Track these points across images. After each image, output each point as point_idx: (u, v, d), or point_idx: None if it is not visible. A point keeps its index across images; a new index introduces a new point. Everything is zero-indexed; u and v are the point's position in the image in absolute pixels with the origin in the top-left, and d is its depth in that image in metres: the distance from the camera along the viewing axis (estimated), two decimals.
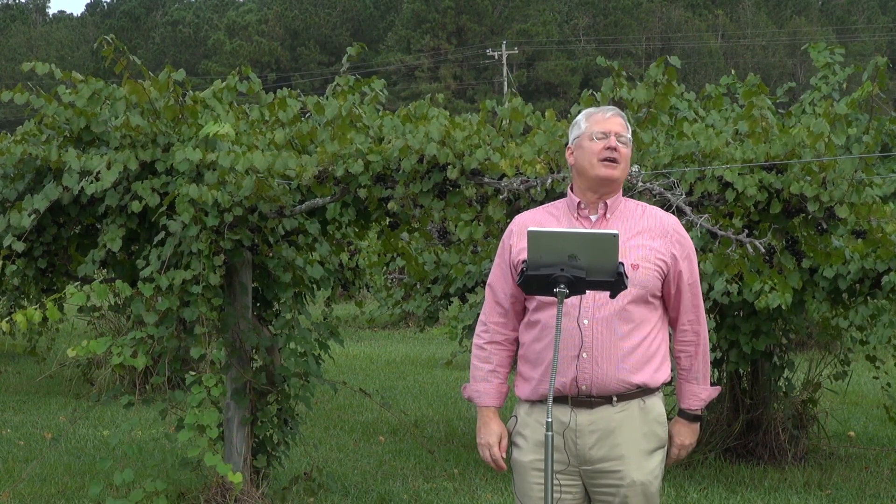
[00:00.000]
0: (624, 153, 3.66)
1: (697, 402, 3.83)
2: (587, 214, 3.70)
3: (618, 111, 3.74)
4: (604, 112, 3.72)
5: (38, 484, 7.07)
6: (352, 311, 18.55)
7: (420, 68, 64.80)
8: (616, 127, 3.67)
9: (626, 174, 3.72)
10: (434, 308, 8.70)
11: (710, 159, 5.78)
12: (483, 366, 3.81)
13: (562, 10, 72.08)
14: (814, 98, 8.12)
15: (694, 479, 7.07)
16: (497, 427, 3.78)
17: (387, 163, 5.50)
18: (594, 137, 3.66)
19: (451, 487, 6.94)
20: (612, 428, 3.62)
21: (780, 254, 6.23)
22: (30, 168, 6.04)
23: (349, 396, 10.18)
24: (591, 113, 3.74)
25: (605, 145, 3.63)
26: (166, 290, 5.64)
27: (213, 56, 67.63)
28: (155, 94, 5.98)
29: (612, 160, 3.64)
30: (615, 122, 3.68)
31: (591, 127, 3.68)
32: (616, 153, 3.63)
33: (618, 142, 3.64)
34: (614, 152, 3.63)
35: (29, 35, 76.83)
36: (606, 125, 3.67)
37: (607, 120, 3.68)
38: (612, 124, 3.67)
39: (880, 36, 67.67)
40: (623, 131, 3.68)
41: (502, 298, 3.77)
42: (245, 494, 6.13)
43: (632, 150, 3.75)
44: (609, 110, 3.73)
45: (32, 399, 10.52)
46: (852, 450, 7.97)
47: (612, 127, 3.67)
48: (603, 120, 3.69)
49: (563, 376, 3.59)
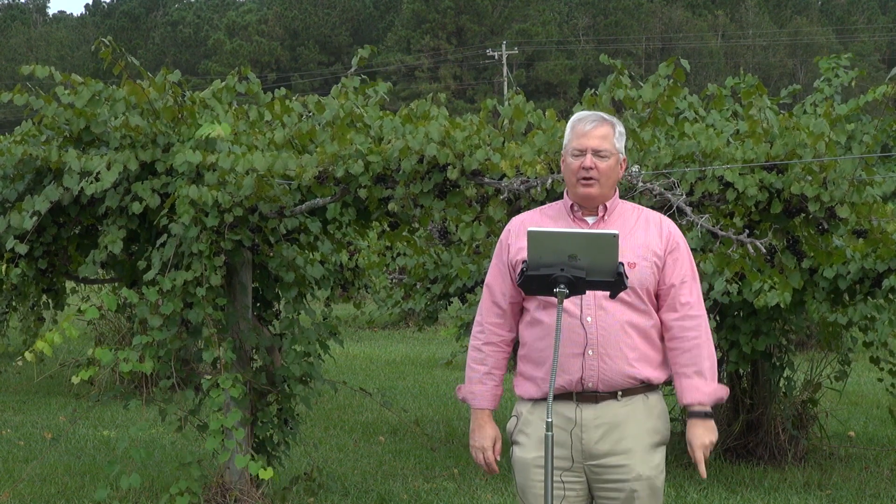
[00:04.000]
0: (603, 168, 3.63)
1: (700, 395, 3.66)
2: (582, 216, 3.71)
3: (603, 119, 3.70)
4: (585, 123, 3.68)
5: (38, 484, 7.07)
6: (352, 311, 18.55)
7: (420, 68, 64.80)
8: (594, 142, 3.63)
9: (610, 185, 3.68)
10: (434, 308, 8.70)
11: (711, 159, 5.78)
12: (479, 367, 3.81)
13: (562, 10, 72.08)
14: (815, 100, 8.15)
15: (694, 479, 7.07)
16: (491, 430, 3.79)
17: (387, 163, 5.50)
18: (571, 155, 3.66)
19: (451, 487, 6.94)
20: (617, 422, 3.63)
21: (780, 254, 6.23)
22: (30, 168, 6.04)
23: (349, 396, 10.18)
24: (574, 123, 3.72)
25: (580, 164, 3.63)
26: (169, 293, 5.65)
27: (213, 56, 67.63)
28: (154, 94, 5.98)
29: (588, 179, 3.63)
30: (594, 136, 3.64)
31: (570, 142, 3.68)
32: (592, 171, 3.62)
33: (596, 157, 3.62)
34: (590, 171, 3.62)
35: (29, 35, 76.83)
36: (584, 141, 3.64)
37: (587, 133, 3.65)
38: (591, 139, 3.64)
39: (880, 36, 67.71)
40: (602, 144, 3.64)
41: (500, 298, 3.77)
42: (245, 494, 6.13)
43: (622, 151, 3.70)
44: (592, 120, 3.68)
45: (32, 399, 10.52)
46: (852, 450, 7.97)
47: (590, 143, 3.63)
48: (582, 134, 3.66)
49: (568, 374, 3.60)
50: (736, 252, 5.91)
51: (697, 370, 3.67)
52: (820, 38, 64.02)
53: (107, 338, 11.05)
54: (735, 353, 7.20)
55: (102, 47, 5.94)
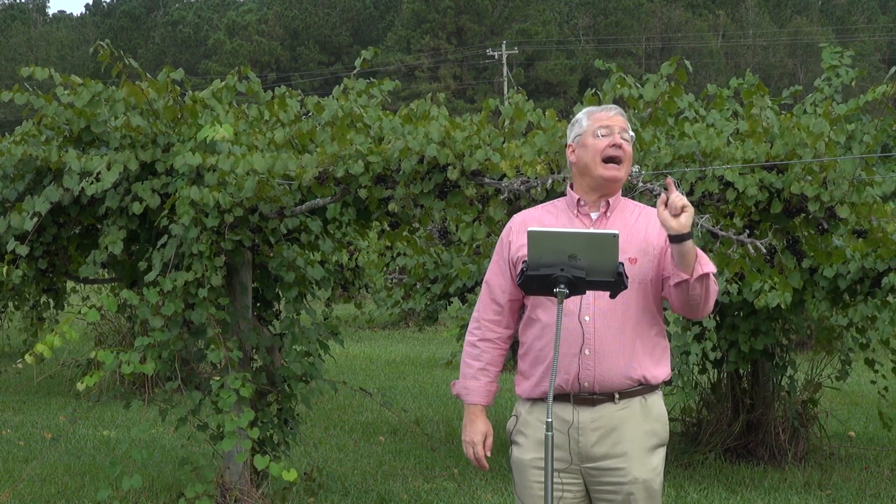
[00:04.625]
0: (628, 151, 3.64)
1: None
2: (587, 212, 3.69)
3: (620, 110, 3.72)
4: (607, 110, 3.69)
5: (38, 484, 7.07)
6: (352, 311, 18.56)
7: (420, 68, 64.80)
8: (620, 123, 3.65)
9: (629, 173, 3.70)
10: (434, 308, 8.70)
11: (711, 159, 5.78)
12: (473, 363, 3.80)
13: (562, 10, 72.09)
14: (815, 99, 8.15)
15: (694, 479, 7.07)
16: (483, 426, 3.78)
17: (387, 163, 5.50)
18: (598, 134, 3.62)
19: (451, 487, 6.94)
20: (614, 425, 3.62)
21: (780, 253, 6.23)
22: (30, 168, 6.04)
23: (349, 396, 10.18)
24: (592, 111, 3.71)
25: (610, 142, 3.60)
26: (170, 293, 5.65)
27: (213, 56, 67.64)
28: (153, 94, 5.98)
29: (615, 159, 3.61)
30: (618, 120, 3.66)
31: (593, 124, 3.65)
32: (620, 151, 3.61)
33: (621, 138, 3.62)
34: (618, 150, 3.60)
35: (29, 35, 76.83)
36: (610, 122, 3.64)
37: (611, 117, 3.66)
38: (616, 121, 3.65)
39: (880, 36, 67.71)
40: (627, 128, 3.66)
41: (499, 295, 3.77)
42: (245, 494, 6.13)
43: (633, 150, 3.74)
44: (611, 108, 3.70)
45: (32, 399, 10.51)
46: (852, 450, 7.97)
47: (616, 123, 3.64)
48: (607, 118, 3.66)
49: (565, 373, 3.58)
50: (736, 252, 5.91)
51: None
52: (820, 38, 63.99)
53: (107, 338, 11.05)
54: (734, 352, 7.20)
55: (101, 50, 5.94)
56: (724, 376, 7.67)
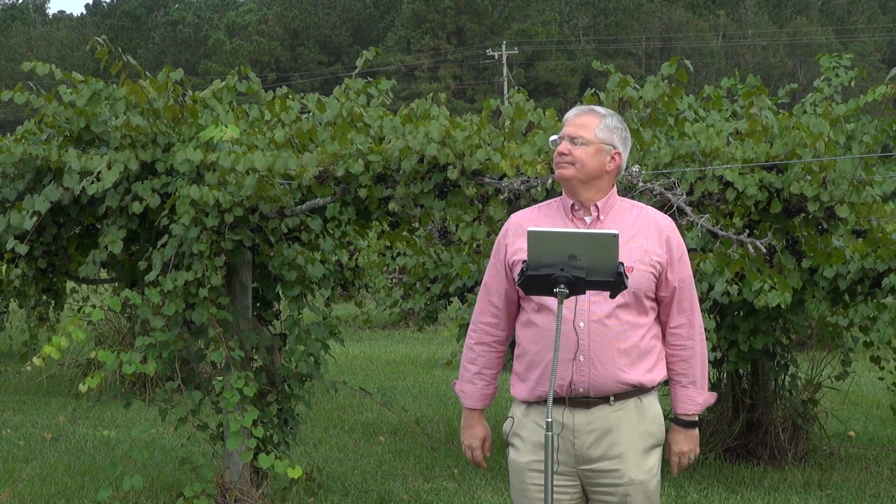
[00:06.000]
0: (577, 154, 3.64)
1: (693, 406, 3.76)
2: (581, 216, 3.70)
3: (591, 110, 3.73)
4: (574, 114, 3.75)
5: (38, 484, 7.07)
6: (352, 311, 18.55)
7: (420, 68, 64.81)
8: (570, 129, 3.68)
9: (587, 172, 3.65)
10: (433, 308, 8.70)
11: (711, 159, 5.78)
12: (470, 367, 3.83)
13: (562, 10, 72.09)
14: (815, 99, 8.15)
15: (694, 479, 7.07)
16: (480, 430, 3.82)
17: (387, 163, 5.50)
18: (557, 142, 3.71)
19: (451, 487, 6.94)
20: (609, 427, 3.63)
21: (780, 253, 6.23)
22: (30, 168, 6.04)
23: (349, 396, 10.17)
24: (567, 116, 3.77)
25: (557, 150, 3.68)
26: (170, 293, 5.65)
27: (213, 56, 67.66)
28: (154, 94, 5.98)
29: (559, 165, 3.67)
30: (573, 123, 3.69)
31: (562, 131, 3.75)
32: (566, 157, 3.65)
33: (571, 143, 3.65)
34: (563, 156, 3.66)
35: (29, 35, 76.85)
36: (565, 129, 3.70)
37: (568, 121, 3.72)
38: (569, 126, 3.69)
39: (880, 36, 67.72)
40: (578, 131, 3.66)
41: (496, 298, 3.77)
42: (245, 494, 6.13)
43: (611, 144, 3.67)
44: (578, 110, 3.75)
45: (32, 399, 10.51)
46: (852, 450, 7.96)
47: (568, 130, 3.68)
48: (567, 123, 3.72)
49: (559, 378, 3.58)
50: (736, 252, 5.91)
51: (692, 380, 3.76)
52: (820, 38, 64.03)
53: (107, 338, 11.04)
54: (734, 352, 7.20)
55: (98, 47, 5.94)
56: (724, 376, 7.67)
